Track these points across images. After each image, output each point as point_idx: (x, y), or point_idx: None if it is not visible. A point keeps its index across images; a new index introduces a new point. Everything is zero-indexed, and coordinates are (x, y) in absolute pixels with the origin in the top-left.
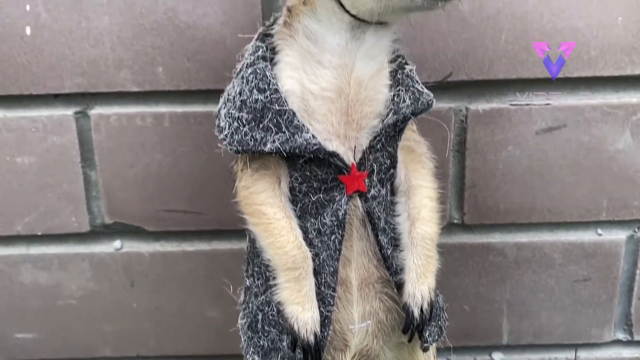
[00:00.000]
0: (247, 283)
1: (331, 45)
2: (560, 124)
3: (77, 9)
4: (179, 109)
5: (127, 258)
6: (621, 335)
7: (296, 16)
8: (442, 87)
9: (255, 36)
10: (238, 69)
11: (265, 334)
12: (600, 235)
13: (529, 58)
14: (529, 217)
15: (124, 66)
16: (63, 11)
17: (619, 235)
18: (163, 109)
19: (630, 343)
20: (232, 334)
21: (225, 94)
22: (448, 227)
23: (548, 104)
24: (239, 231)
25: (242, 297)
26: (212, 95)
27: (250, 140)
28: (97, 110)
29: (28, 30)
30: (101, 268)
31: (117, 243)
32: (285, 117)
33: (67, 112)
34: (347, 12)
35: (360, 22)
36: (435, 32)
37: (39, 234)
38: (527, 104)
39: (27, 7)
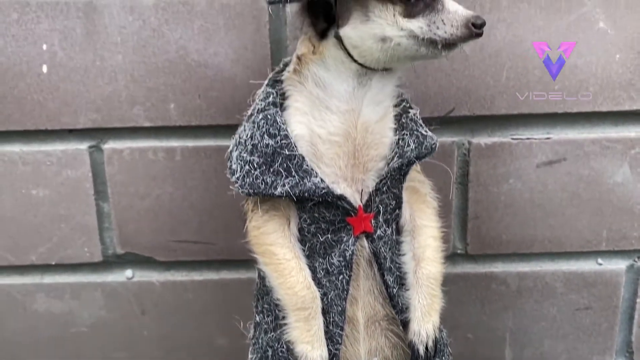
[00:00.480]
0: (257, 319)
1: (339, 91)
2: (560, 157)
3: (92, 48)
4: (190, 143)
5: (138, 287)
6: None
7: (306, 64)
8: (445, 122)
9: (266, 82)
10: (249, 113)
11: None
12: (600, 264)
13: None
14: (531, 247)
15: (137, 102)
16: (78, 50)
17: (619, 265)
18: (174, 143)
19: None
20: (239, 357)
21: (237, 136)
22: (452, 257)
23: (549, 138)
24: (247, 261)
25: (251, 332)
26: (222, 130)
27: (262, 183)
28: (111, 145)
29: (44, 69)
30: (113, 297)
31: (128, 272)
32: (295, 161)
33: (81, 146)
34: (355, 61)
35: (366, 69)
36: (439, 69)
37: (53, 263)
38: (528, 138)
39: (44, 47)
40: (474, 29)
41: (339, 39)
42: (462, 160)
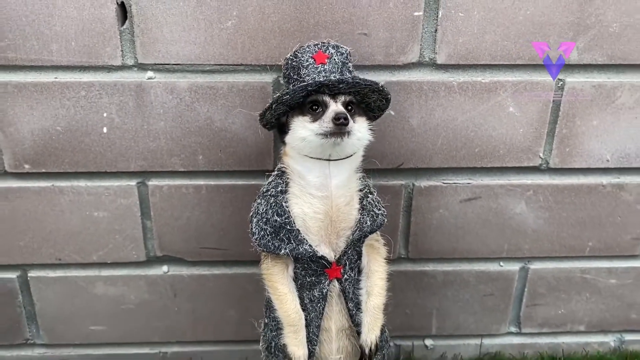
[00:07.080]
0: (266, 320)
1: (313, 181)
2: (477, 196)
3: (141, 116)
4: (212, 182)
5: (172, 278)
6: (513, 329)
7: (287, 162)
8: (396, 171)
9: (275, 172)
10: (264, 190)
11: (276, 357)
12: (502, 266)
13: (457, 154)
14: (453, 254)
15: (174, 155)
16: (131, 117)
17: (514, 267)
18: (201, 182)
19: (519, 334)
20: (244, 327)
21: (255, 205)
22: (397, 259)
23: (469, 183)
24: (253, 261)
25: (262, 327)
26: (236, 174)
27: (271, 246)
28: (154, 182)
29: (105, 130)
30: (153, 285)
31: (165, 268)
32: (293, 234)
33: (131, 182)
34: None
35: (321, 160)
36: (393, 137)
37: (109, 262)
38: (454, 183)
39: (104, 114)
40: (335, 121)
41: None
42: (407, 196)
